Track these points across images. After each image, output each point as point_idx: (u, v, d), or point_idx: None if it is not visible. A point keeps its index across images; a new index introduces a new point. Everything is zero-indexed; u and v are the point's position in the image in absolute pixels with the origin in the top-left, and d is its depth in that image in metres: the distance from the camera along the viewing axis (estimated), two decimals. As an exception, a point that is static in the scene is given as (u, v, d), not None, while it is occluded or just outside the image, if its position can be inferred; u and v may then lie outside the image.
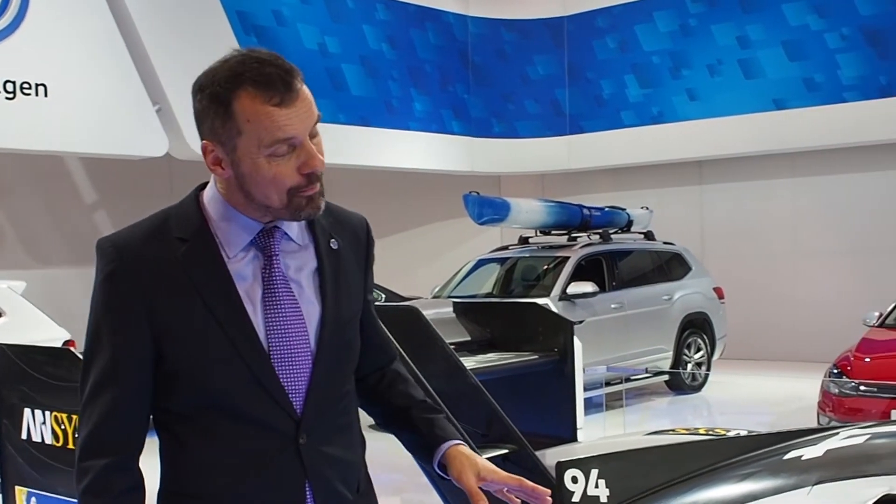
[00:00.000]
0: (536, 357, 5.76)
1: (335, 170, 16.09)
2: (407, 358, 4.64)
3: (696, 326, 12.36)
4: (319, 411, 1.97)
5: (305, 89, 1.92)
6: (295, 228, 2.02)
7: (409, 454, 2.25)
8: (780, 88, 14.38)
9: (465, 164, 16.33)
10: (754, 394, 12.38)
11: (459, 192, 11.92)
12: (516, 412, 5.15)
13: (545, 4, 16.83)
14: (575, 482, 4.12)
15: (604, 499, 3.90)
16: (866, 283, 13.94)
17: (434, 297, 11.75)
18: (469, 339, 6.19)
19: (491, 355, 5.85)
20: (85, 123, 10.96)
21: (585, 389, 7.57)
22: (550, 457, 4.77)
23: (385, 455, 4.15)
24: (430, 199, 16.96)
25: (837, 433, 3.46)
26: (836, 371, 8.12)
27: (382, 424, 2.25)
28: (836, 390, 7.96)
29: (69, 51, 10.93)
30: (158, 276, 1.90)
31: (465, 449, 2.10)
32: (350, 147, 14.28)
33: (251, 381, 1.91)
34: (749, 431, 4.56)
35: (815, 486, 2.94)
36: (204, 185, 2.04)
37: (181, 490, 1.96)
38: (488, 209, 11.39)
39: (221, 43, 12.50)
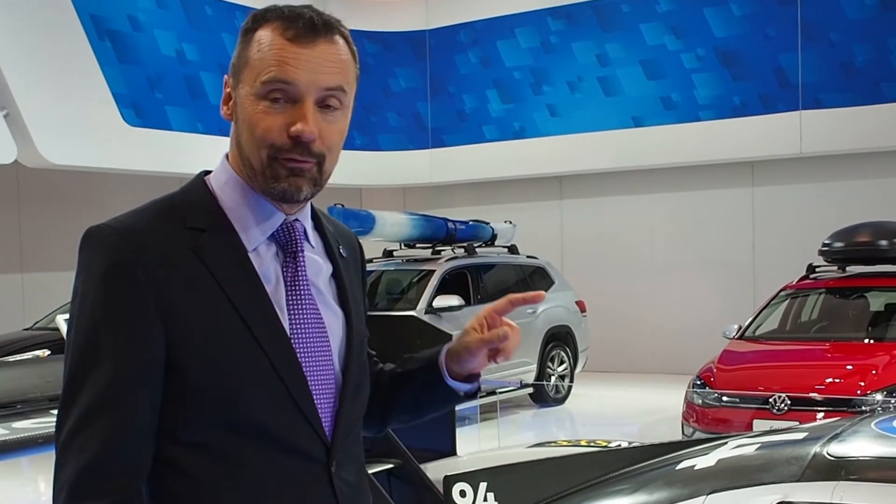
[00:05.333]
0: (414, 370, 5.62)
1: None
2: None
3: (560, 339, 12.50)
4: (344, 436, 1.73)
5: (338, 49, 1.66)
6: (310, 229, 1.79)
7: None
8: (638, 106, 14.73)
9: (327, 175, 16.15)
10: (617, 405, 12.59)
11: (320, 203, 11.67)
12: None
13: (408, 18, 16.85)
14: (463, 496, 4.06)
15: (492, 512, 3.83)
16: (721, 296, 14.38)
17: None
18: (345, 352, 6.03)
19: (368, 368, 5.70)
20: None
21: (454, 403, 7.50)
22: (433, 470, 4.70)
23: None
24: (290, 212, 16.71)
25: (726, 443, 3.49)
26: (699, 382, 8.30)
27: (383, 416, 1.95)
28: (700, 401, 8.14)
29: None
30: (174, 269, 1.60)
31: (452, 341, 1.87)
32: (208, 157, 13.83)
33: (285, 398, 1.63)
34: (630, 442, 4.58)
35: (709, 496, 2.95)
36: (207, 172, 1.77)
37: None
38: (353, 222, 11.25)
39: (74, 47, 12.07)
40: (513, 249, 12.78)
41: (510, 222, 13.27)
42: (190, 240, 1.63)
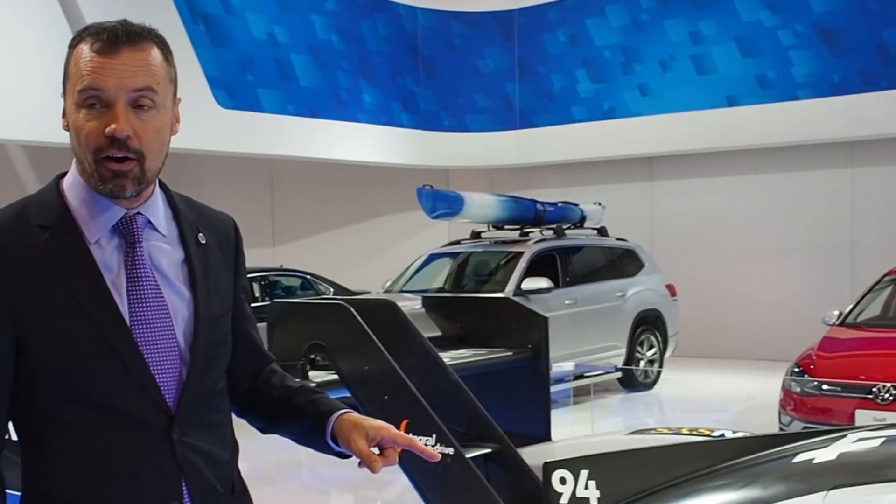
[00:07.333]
0: (510, 353, 5.56)
1: (282, 161, 15.85)
2: (386, 353, 4.44)
3: (649, 323, 12.30)
4: (192, 407, 1.91)
5: (144, 55, 1.84)
6: (161, 219, 1.96)
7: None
8: (732, 85, 14.40)
9: (414, 157, 16.15)
10: (708, 391, 12.37)
11: (407, 185, 11.72)
12: (488, 410, 4.98)
13: (496, -3, 16.72)
14: (563, 483, 3.95)
15: (594, 501, 3.72)
16: (817, 280, 14.02)
17: (385, 291, 11.54)
18: (440, 334, 5.97)
19: (463, 351, 5.61)
20: (27, 109, 10.59)
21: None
22: (528, 456, 4.62)
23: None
24: (377, 193, 16.77)
25: (846, 436, 3.33)
26: (797, 370, 8.05)
27: (266, 425, 2.18)
28: (799, 389, 7.90)
29: (12, 35, 10.60)
30: (17, 266, 1.82)
31: (352, 415, 2.05)
32: (298, 139, 14.05)
33: (123, 374, 1.84)
34: (734, 432, 4.43)
35: (830, 492, 2.79)
36: (65, 174, 1.96)
37: (48, 497, 1.86)
38: (442, 203, 11.19)
39: (169, 30, 12.06)
40: (602, 231, 12.61)
41: (599, 204, 13.08)
42: (36, 236, 1.83)
